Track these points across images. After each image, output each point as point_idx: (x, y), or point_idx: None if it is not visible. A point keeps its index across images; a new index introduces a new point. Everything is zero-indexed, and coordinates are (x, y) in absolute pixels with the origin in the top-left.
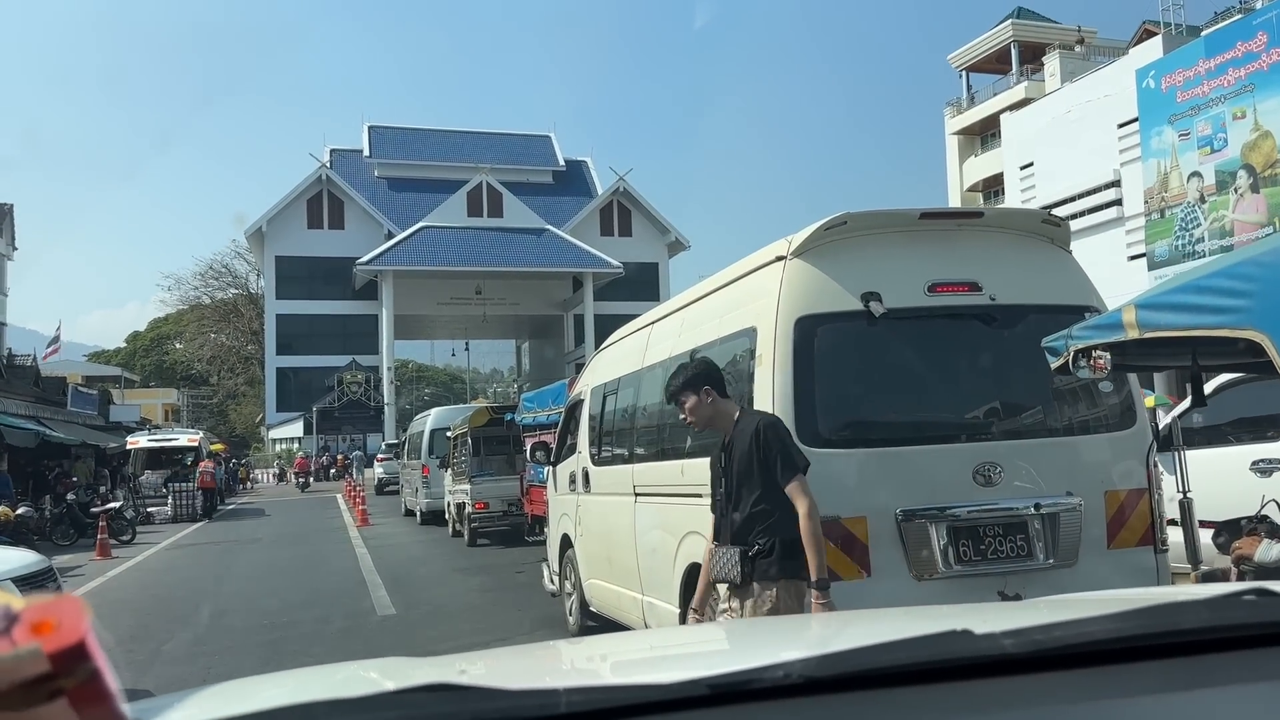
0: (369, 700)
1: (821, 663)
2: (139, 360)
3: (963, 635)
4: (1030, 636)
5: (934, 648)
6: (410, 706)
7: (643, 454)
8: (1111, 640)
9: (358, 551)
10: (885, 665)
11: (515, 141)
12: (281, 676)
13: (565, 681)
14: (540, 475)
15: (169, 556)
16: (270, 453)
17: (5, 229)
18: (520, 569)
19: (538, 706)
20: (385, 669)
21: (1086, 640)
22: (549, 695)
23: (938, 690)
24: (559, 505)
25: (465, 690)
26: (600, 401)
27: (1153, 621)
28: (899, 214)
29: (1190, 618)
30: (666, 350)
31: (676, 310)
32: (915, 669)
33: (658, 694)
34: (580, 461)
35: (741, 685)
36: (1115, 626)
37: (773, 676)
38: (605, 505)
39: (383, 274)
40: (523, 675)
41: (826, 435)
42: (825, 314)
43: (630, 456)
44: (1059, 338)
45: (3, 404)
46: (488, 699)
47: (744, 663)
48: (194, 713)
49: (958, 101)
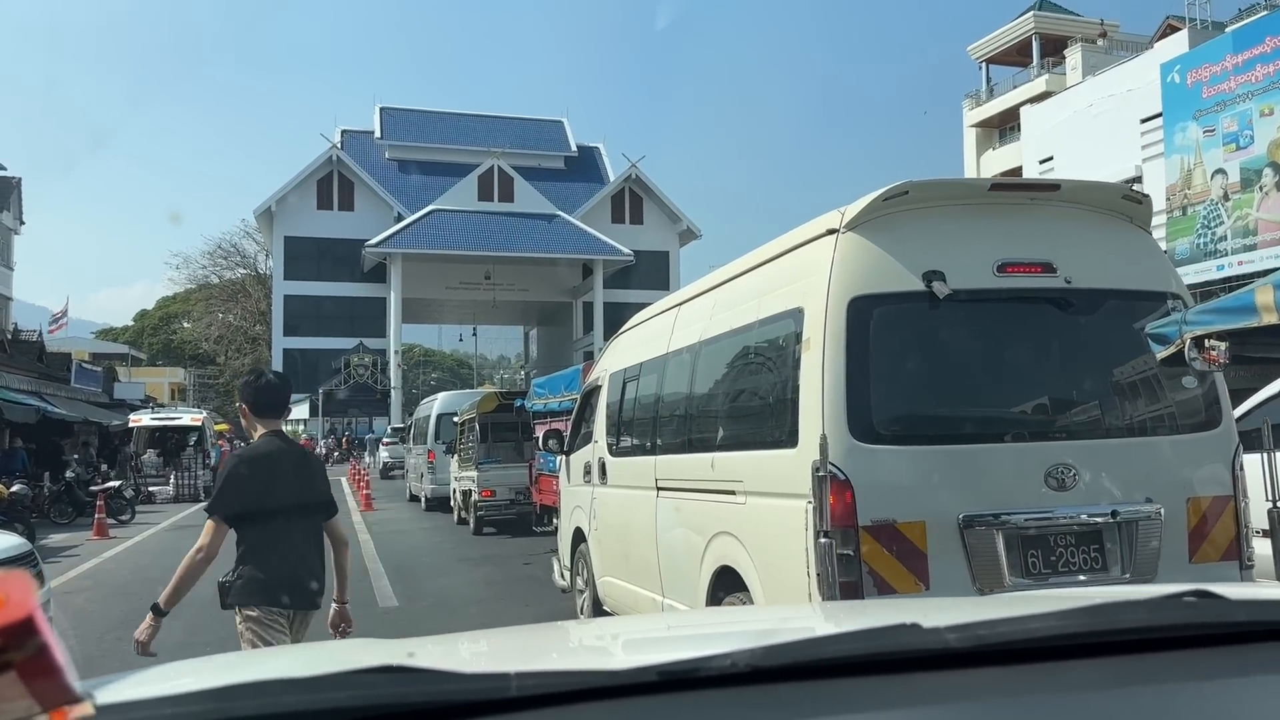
0: (321, 680)
1: (768, 653)
2: (147, 339)
3: (908, 629)
4: (974, 631)
5: (878, 640)
6: (362, 687)
7: (667, 445)
8: (1054, 637)
9: (360, 537)
10: (830, 656)
11: (527, 126)
12: (238, 656)
13: (517, 665)
14: (551, 464)
15: (167, 538)
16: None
17: (13, 203)
18: (528, 560)
19: (488, 690)
20: (343, 650)
21: (1029, 636)
22: (500, 679)
23: (881, 682)
24: (572, 497)
25: (417, 672)
26: (619, 388)
27: (1094, 620)
28: (966, 184)
29: (1130, 617)
30: (696, 334)
31: (708, 290)
32: (860, 661)
33: (608, 680)
34: (596, 452)
35: (690, 672)
36: (1057, 624)
37: (720, 665)
38: (623, 499)
39: (392, 257)
40: (476, 659)
41: (881, 430)
42: (882, 294)
43: (652, 448)
44: (1169, 323)
45: (4, 379)
46: (439, 681)
47: (695, 651)
48: (148, 689)
49: (977, 93)
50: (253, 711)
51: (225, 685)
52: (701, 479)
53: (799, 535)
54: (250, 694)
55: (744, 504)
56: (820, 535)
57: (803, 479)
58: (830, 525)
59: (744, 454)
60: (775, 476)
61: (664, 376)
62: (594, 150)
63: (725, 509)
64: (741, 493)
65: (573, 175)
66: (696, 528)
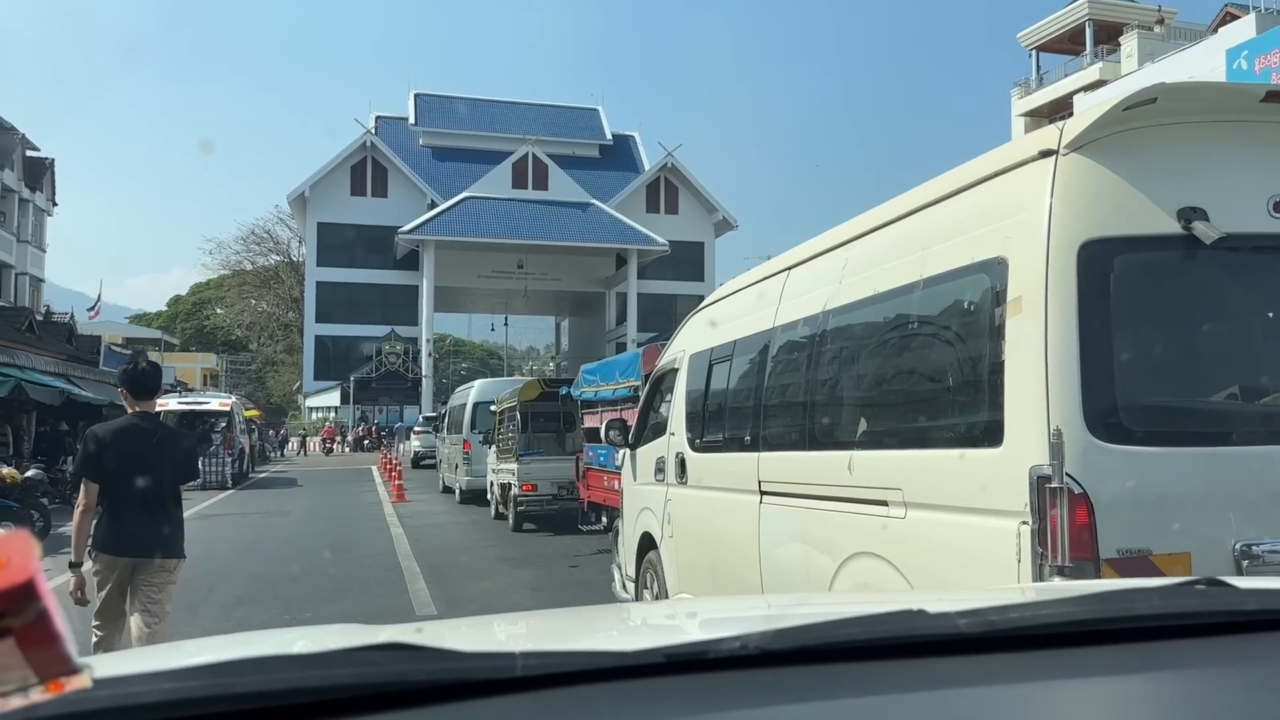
0: (323, 656)
1: (778, 635)
2: (180, 324)
3: (918, 614)
4: (985, 617)
5: (889, 625)
6: (364, 664)
7: (776, 440)
8: (1065, 623)
9: (393, 531)
10: (840, 640)
11: (562, 113)
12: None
13: (524, 646)
14: (603, 457)
15: (190, 527)
16: (307, 421)
17: (45, 184)
18: (574, 562)
19: (493, 669)
20: (348, 632)
21: (1040, 622)
22: (505, 658)
23: (892, 666)
24: (640, 497)
25: (420, 650)
26: (704, 372)
27: (1106, 607)
28: (1233, 93)
29: (1142, 604)
30: (818, 302)
31: (832, 249)
32: (870, 645)
33: (615, 660)
34: (672, 446)
35: (698, 655)
36: (1069, 610)
37: (729, 647)
38: (710, 503)
39: (424, 244)
40: (482, 639)
41: (1131, 426)
42: (1126, 238)
43: (754, 443)
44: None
45: (32, 360)
46: (443, 660)
47: (704, 634)
48: (149, 664)
49: (1026, 82)
50: (253, 688)
51: (225, 660)
52: (831, 483)
53: (1005, 567)
54: (250, 669)
55: (903, 518)
56: (1050, 568)
57: (1012, 490)
58: (1068, 557)
59: (904, 454)
60: (960, 484)
61: (769, 356)
62: (629, 139)
63: (869, 523)
64: (898, 503)
65: (607, 164)
66: (823, 544)
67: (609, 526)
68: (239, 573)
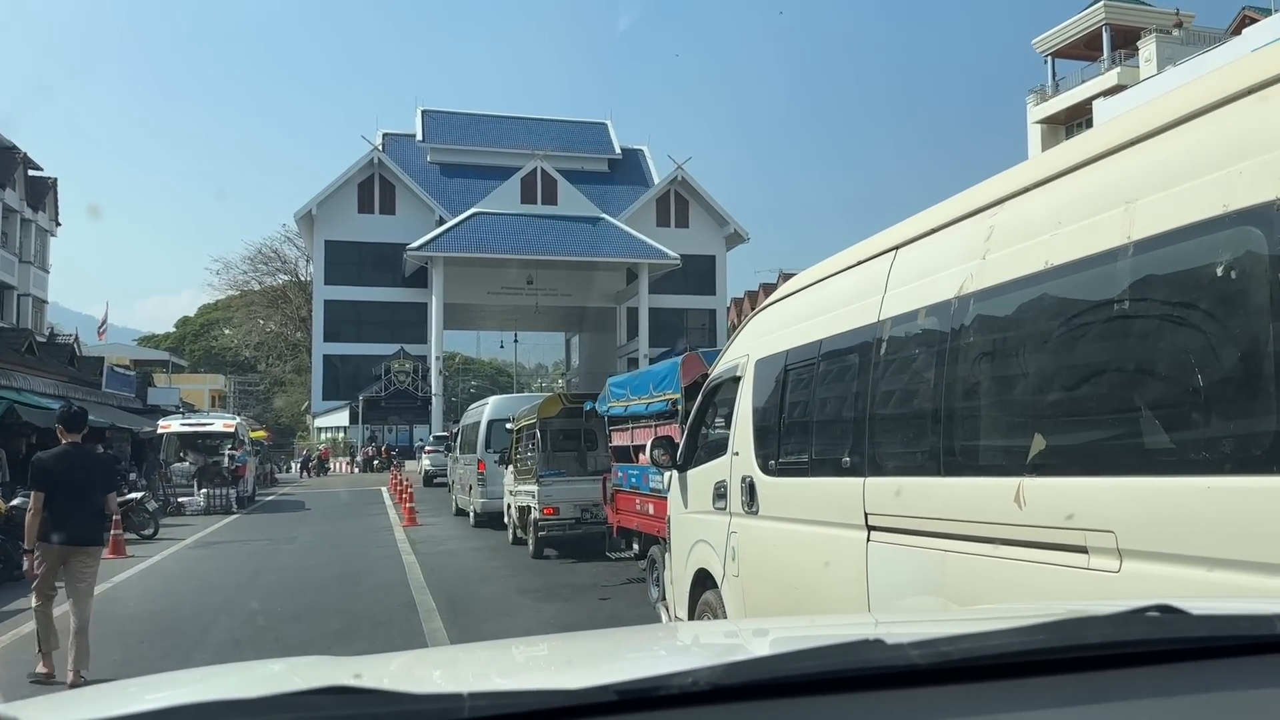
0: (266, 701)
1: (729, 670)
2: (188, 345)
3: (872, 645)
4: (937, 648)
5: (842, 657)
6: (309, 709)
7: (891, 461)
8: (1017, 653)
9: (405, 559)
10: (792, 674)
11: (571, 128)
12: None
13: (472, 686)
14: (634, 478)
15: (190, 557)
16: (315, 441)
17: (48, 204)
18: (604, 594)
19: (440, 711)
20: (292, 669)
21: (992, 653)
22: (453, 700)
23: (845, 700)
24: (692, 528)
25: (367, 693)
26: (777, 379)
27: (1058, 636)
28: None
29: (1094, 633)
30: (950, 285)
31: (962, 218)
32: (823, 678)
33: (564, 700)
34: (736, 468)
35: (649, 691)
36: (1021, 640)
37: (680, 683)
38: (792, 538)
39: (433, 260)
40: (429, 679)
41: None
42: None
43: (857, 465)
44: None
45: (30, 382)
46: (390, 702)
47: (656, 668)
48: (80, 711)
49: (1042, 89)
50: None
51: (164, 707)
52: (986, 519)
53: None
54: (191, 716)
55: (1115, 572)
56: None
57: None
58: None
59: (1116, 482)
60: (1219, 527)
61: (875, 356)
62: (638, 153)
63: (1057, 577)
64: (1106, 551)
65: (617, 178)
66: (974, 599)
67: (641, 554)
68: (238, 610)
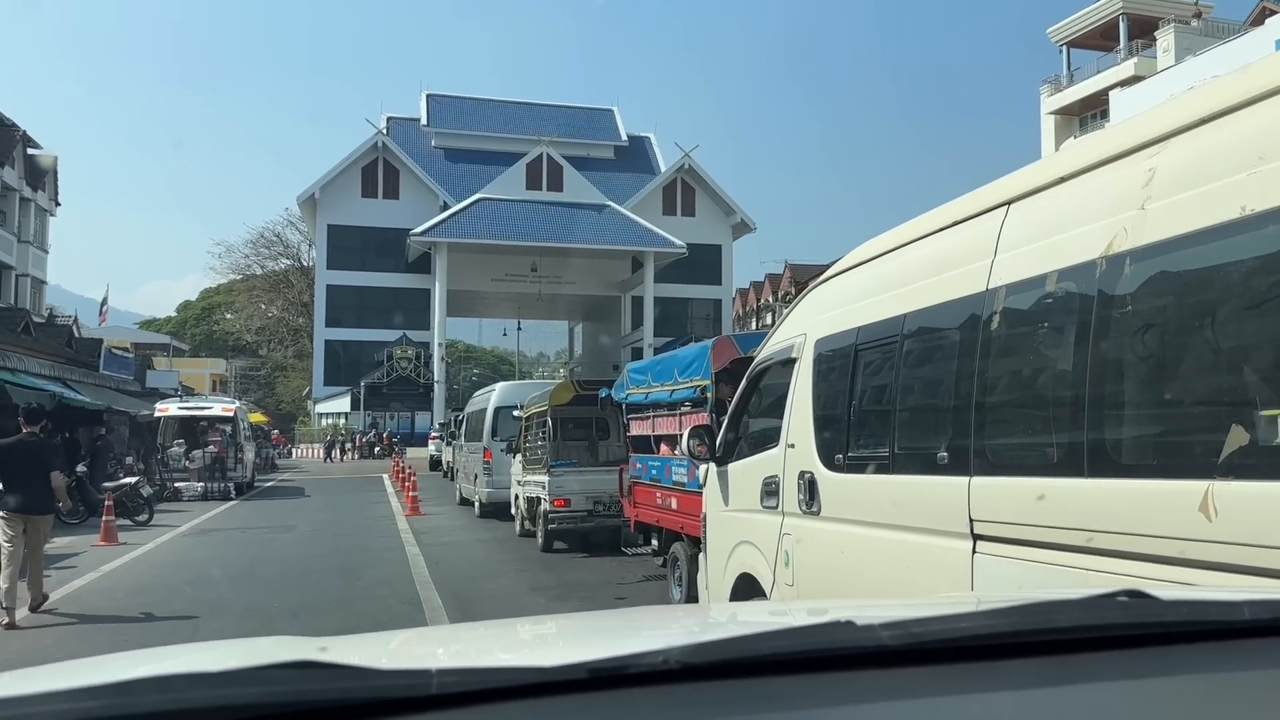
0: (229, 675)
1: (699, 649)
2: (189, 329)
3: (842, 626)
4: (907, 629)
5: (811, 638)
6: (274, 683)
7: (1008, 457)
8: (987, 636)
9: (409, 552)
10: (763, 653)
11: (577, 114)
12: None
13: (442, 663)
14: (655, 470)
15: (184, 545)
16: (316, 427)
17: (48, 183)
18: (620, 592)
19: (408, 686)
20: (259, 647)
21: (962, 635)
22: (420, 676)
23: (814, 680)
24: (734, 528)
25: (334, 668)
26: (845, 360)
27: (1027, 619)
28: None
29: (1064, 617)
30: (1093, 243)
31: (1106, 162)
32: (793, 658)
33: (535, 676)
34: (792, 462)
35: (620, 669)
36: (990, 623)
37: (650, 662)
38: (869, 545)
39: (437, 246)
40: (398, 655)
41: None
42: None
43: (958, 460)
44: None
45: (25, 363)
46: (356, 678)
47: (627, 647)
48: (48, 683)
49: (1056, 79)
50: (155, 707)
51: (126, 680)
52: (1156, 533)
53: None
54: (153, 689)
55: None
56: None
57: None
58: None
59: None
60: None
61: (985, 332)
62: (645, 140)
63: None
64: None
65: (623, 165)
66: None
67: (660, 550)
68: (232, 605)
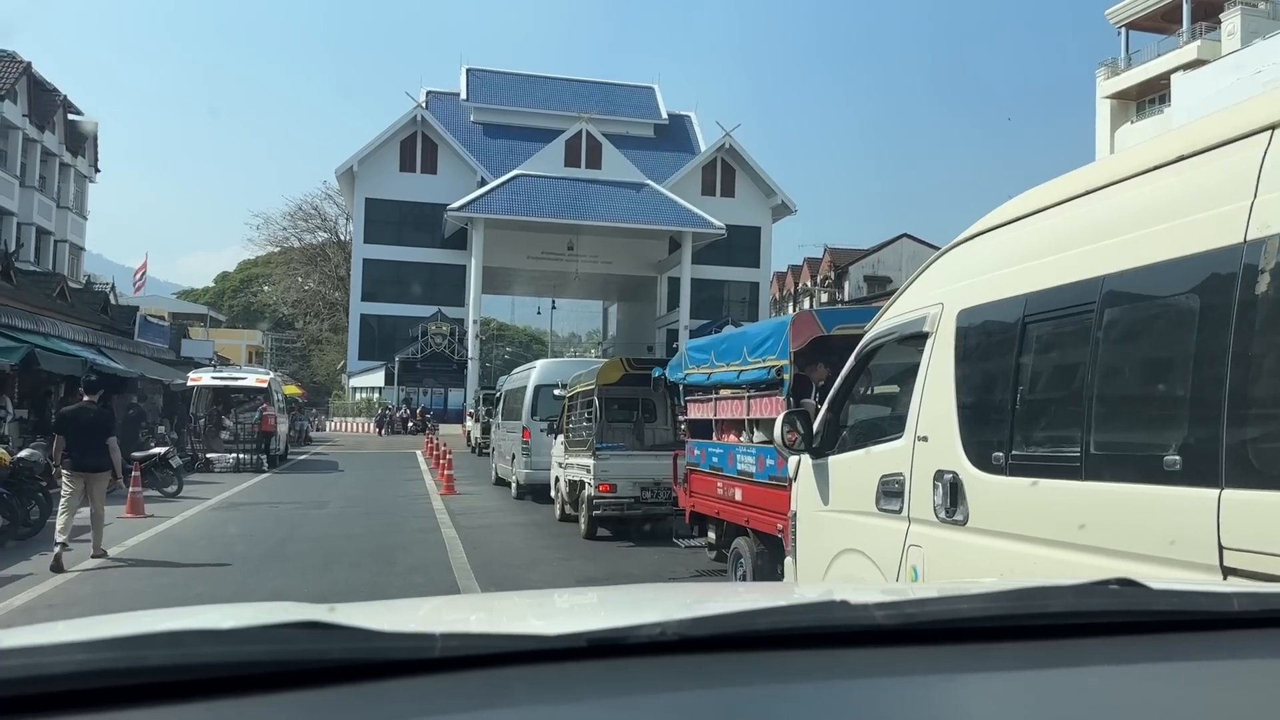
0: (237, 633)
1: (696, 623)
2: (227, 301)
3: (838, 605)
4: (901, 610)
5: (807, 615)
6: (281, 641)
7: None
8: (980, 619)
9: (444, 534)
10: (759, 628)
11: (617, 91)
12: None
13: (447, 628)
14: (717, 457)
15: (212, 519)
16: (350, 401)
17: (87, 149)
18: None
19: (412, 649)
20: (268, 608)
21: (955, 617)
22: (424, 639)
23: (808, 655)
24: (835, 531)
25: (339, 629)
26: (1008, 336)
27: (1020, 604)
28: None
29: (1056, 602)
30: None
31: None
32: (789, 634)
33: (535, 644)
34: (925, 458)
35: (619, 640)
36: (984, 606)
37: (649, 633)
38: (1040, 570)
39: (474, 222)
40: (403, 620)
41: None
42: None
43: (1204, 469)
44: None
45: (59, 328)
46: (362, 639)
47: (627, 619)
48: (63, 635)
49: (1113, 62)
50: (165, 661)
51: (138, 634)
52: None
53: None
54: (163, 643)
55: None
56: None
57: None
58: None
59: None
60: None
61: (1246, 295)
62: (685, 119)
63: None
64: None
65: (662, 144)
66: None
67: (718, 545)
68: (260, 587)
